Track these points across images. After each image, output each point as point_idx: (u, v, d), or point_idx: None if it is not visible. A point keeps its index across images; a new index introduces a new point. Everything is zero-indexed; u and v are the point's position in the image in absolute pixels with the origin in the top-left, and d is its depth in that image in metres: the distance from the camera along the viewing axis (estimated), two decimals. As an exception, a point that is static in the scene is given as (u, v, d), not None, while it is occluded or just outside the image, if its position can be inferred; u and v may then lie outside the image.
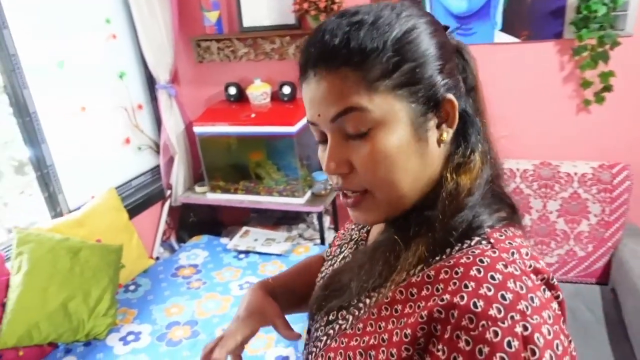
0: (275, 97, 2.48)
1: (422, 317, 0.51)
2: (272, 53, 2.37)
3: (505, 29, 2.06)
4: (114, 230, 2.14)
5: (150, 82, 2.59)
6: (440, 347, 0.48)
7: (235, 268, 2.27)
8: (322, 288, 0.66)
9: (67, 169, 2.15)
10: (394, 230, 0.58)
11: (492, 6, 2.04)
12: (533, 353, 0.45)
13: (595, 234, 2.06)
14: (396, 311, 0.54)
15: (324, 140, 0.58)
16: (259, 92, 2.43)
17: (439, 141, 0.56)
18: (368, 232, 0.73)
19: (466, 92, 0.60)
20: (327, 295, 0.64)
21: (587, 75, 2.00)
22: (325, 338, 0.63)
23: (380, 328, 0.55)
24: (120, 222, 2.20)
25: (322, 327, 0.64)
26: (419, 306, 0.52)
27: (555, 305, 0.51)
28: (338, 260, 0.74)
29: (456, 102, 0.56)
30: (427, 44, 0.54)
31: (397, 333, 0.52)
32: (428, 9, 2.12)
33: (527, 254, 0.52)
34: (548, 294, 0.51)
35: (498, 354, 0.45)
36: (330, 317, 0.63)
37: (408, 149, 0.54)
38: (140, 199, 2.52)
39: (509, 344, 0.45)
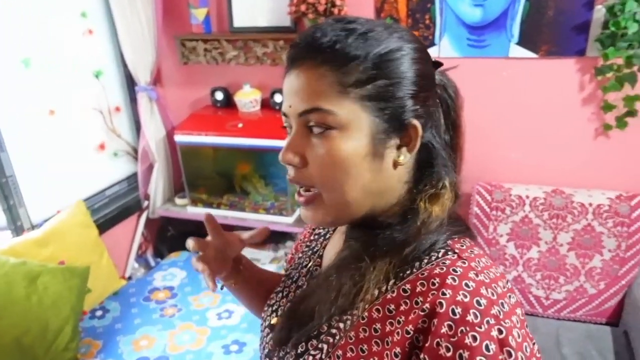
0: (266, 104, 2.28)
1: (407, 333, 0.52)
2: (264, 57, 2.16)
3: (522, 42, 1.86)
4: (80, 250, 1.93)
5: (130, 82, 2.37)
6: (422, 356, 0.49)
7: (215, 293, 2.06)
8: (287, 317, 0.63)
9: (31, 179, 1.93)
10: (360, 248, 0.58)
11: (509, 17, 1.84)
12: (509, 355, 0.48)
13: (608, 271, 1.89)
14: (376, 331, 0.54)
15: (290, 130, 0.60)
16: (248, 99, 2.22)
17: (396, 163, 0.57)
18: (321, 257, 0.72)
19: (447, 127, 0.62)
20: (293, 324, 0.61)
21: (610, 98, 1.82)
22: None
23: (363, 352, 0.54)
24: (88, 240, 1.99)
25: None
26: (399, 322, 0.53)
27: (519, 310, 0.53)
28: (292, 290, 0.72)
29: (420, 130, 0.57)
30: (406, 68, 0.56)
31: (387, 355, 0.52)
32: (438, 17, 1.92)
33: (488, 262, 0.56)
34: (513, 299, 0.53)
35: (478, 358, 0.47)
36: (299, 350, 0.60)
37: (362, 160, 0.55)
38: (114, 210, 2.31)
39: (487, 348, 0.47)
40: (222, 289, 0.83)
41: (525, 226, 1.94)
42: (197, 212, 2.33)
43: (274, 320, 0.70)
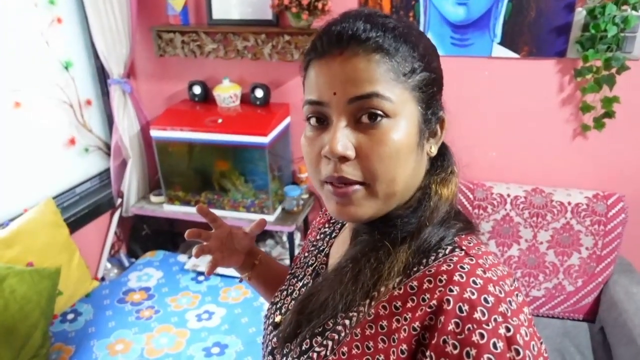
0: (246, 100, 2.22)
1: (414, 330, 0.51)
2: (244, 51, 2.10)
3: (504, 42, 1.87)
4: (50, 250, 1.83)
5: (102, 74, 2.26)
6: (428, 353, 0.49)
7: (193, 293, 2.01)
8: (297, 312, 0.61)
9: (-5, 176, 1.82)
10: (375, 239, 0.57)
11: (492, 17, 1.85)
12: (517, 353, 0.47)
13: (585, 268, 1.93)
14: (382, 328, 0.53)
15: (320, 123, 0.57)
16: (227, 93, 2.16)
17: (428, 153, 0.60)
18: (327, 255, 0.71)
19: None
20: (302, 319, 0.60)
21: (589, 99, 1.85)
22: None
23: (369, 349, 0.53)
24: (58, 240, 1.89)
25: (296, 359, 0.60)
26: (405, 318, 0.52)
27: (526, 309, 0.52)
28: (297, 288, 0.71)
29: (446, 122, 0.60)
30: (437, 65, 0.59)
31: (393, 352, 0.51)
32: (422, 15, 1.91)
33: (495, 260, 0.55)
34: (520, 298, 0.52)
35: (485, 356, 0.46)
36: (304, 347, 0.59)
37: (411, 150, 0.55)
38: (85, 208, 2.20)
39: (495, 345, 0.47)
40: (240, 281, 0.89)
41: (506, 224, 1.96)
42: (173, 210, 2.25)
43: (278, 319, 0.69)
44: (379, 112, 0.53)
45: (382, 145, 0.53)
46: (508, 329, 0.48)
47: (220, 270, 2.12)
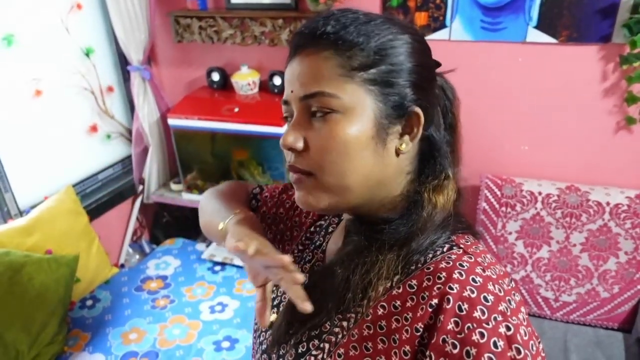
0: (264, 87, 2.15)
1: (417, 330, 0.50)
2: (261, 37, 2.02)
3: (541, 26, 1.71)
4: (69, 237, 1.86)
5: (123, 60, 2.25)
6: (428, 353, 0.48)
7: (209, 284, 2.00)
8: (288, 314, 0.60)
9: (18, 163, 1.85)
10: (365, 243, 0.57)
11: (528, -2, 1.68)
12: (518, 352, 0.47)
13: (623, 274, 1.78)
14: (381, 328, 0.53)
15: (290, 120, 0.59)
16: (245, 81, 2.10)
17: (398, 150, 0.57)
18: (324, 252, 0.70)
19: (445, 127, 0.61)
20: (294, 321, 0.59)
21: (635, 89, 1.67)
22: None
23: (367, 349, 0.53)
24: (77, 228, 1.92)
25: None
26: (406, 319, 0.51)
27: (524, 309, 0.52)
28: None
29: (422, 117, 0.57)
30: (404, 58, 0.56)
31: (395, 353, 0.51)
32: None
33: (492, 259, 0.55)
34: (518, 297, 0.52)
35: (486, 355, 0.46)
36: (300, 350, 0.58)
37: (364, 144, 0.54)
38: (108, 194, 2.23)
39: (495, 344, 0.47)
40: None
41: (536, 224, 1.82)
42: (192, 198, 2.25)
43: (273, 317, 0.67)
44: (326, 109, 0.54)
45: (329, 139, 0.54)
46: (508, 328, 0.48)
47: (237, 260, 2.11)
